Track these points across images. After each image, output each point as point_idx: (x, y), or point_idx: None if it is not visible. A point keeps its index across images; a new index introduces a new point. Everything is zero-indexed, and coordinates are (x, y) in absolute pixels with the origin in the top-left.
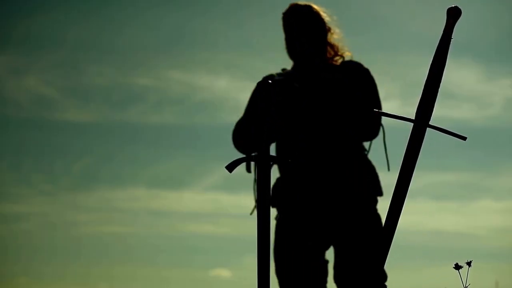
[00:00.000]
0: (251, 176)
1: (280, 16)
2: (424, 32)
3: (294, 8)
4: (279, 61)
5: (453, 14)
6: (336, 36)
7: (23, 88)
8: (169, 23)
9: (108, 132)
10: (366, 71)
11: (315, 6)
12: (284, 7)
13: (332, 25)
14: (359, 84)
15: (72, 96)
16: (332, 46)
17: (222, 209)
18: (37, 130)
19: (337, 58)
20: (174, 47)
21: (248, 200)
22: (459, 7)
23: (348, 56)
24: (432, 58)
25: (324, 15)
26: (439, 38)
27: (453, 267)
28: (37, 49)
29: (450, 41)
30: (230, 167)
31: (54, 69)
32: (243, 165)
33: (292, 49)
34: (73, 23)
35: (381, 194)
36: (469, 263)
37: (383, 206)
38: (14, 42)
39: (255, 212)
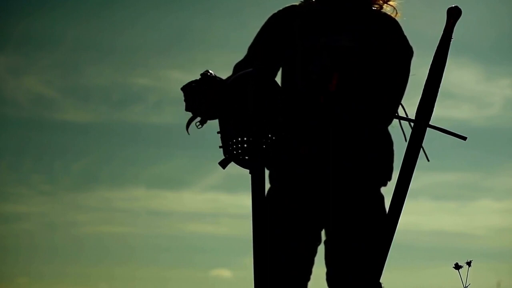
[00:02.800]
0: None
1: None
2: (424, 32)
3: None
4: None
5: (454, 14)
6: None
7: (23, 88)
8: (169, 23)
9: (108, 132)
10: (397, 31)
11: None
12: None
13: None
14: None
15: (72, 96)
16: None
17: (222, 209)
18: (37, 130)
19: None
20: (174, 47)
21: (247, 200)
22: (459, 7)
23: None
24: (432, 58)
25: None
26: (439, 38)
27: (453, 267)
28: (37, 49)
29: (450, 41)
30: (224, 163)
31: (54, 69)
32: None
33: None
34: (73, 23)
35: (389, 178)
36: (469, 263)
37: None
38: (14, 42)
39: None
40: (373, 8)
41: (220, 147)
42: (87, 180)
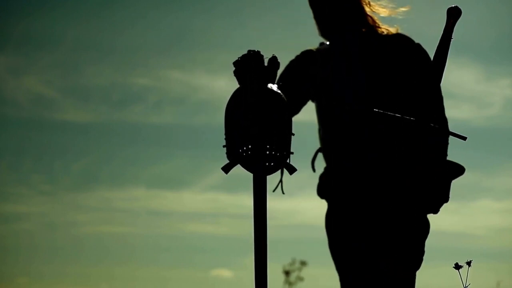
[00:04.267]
0: (251, 176)
1: (277, 17)
2: (424, 31)
3: None
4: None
5: (454, 14)
6: (375, 8)
7: (23, 88)
8: (169, 23)
9: (108, 132)
10: (417, 49)
11: None
12: (284, 8)
13: None
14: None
15: (72, 96)
16: (368, 18)
17: (222, 209)
18: (37, 130)
19: (380, 29)
20: (174, 47)
21: (247, 200)
22: (459, 7)
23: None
24: (432, 58)
25: None
26: (439, 38)
27: (453, 267)
28: (37, 49)
29: (450, 40)
30: (226, 169)
31: (54, 69)
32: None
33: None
34: (73, 23)
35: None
36: (469, 263)
37: None
38: (14, 42)
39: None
40: (380, 32)
41: (226, 152)
42: (87, 180)
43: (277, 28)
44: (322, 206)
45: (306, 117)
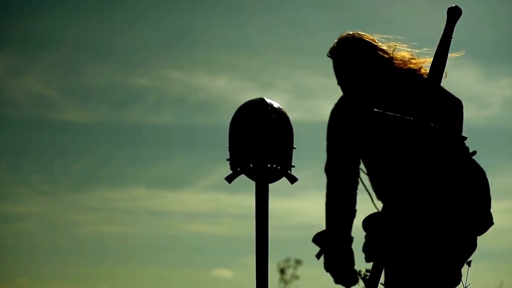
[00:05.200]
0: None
1: (277, 17)
2: (425, 31)
3: (334, 49)
4: (278, 61)
5: (454, 14)
6: (400, 56)
7: (23, 88)
8: (169, 23)
9: (108, 132)
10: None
11: (360, 40)
12: (284, 8)
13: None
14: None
15: (72, 96)
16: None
17: (222, 209)
18: (37, 130)
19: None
20: (174, 47)
21: (247, 201)
22: (459, 7)
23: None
24: (432, 58)
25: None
26: (439, 38)
27: None
28: (37, 49)
29: (451, 40)
30: (230, 179)
31: (54, 69)
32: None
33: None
34: (73, 23)
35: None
36: (468, 263)
37: None
38: (14, 42)
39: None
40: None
41: (230, 164)
42: (87, 180)
43: (277, 28)
44: (322, 206)
45: (306, 117)
